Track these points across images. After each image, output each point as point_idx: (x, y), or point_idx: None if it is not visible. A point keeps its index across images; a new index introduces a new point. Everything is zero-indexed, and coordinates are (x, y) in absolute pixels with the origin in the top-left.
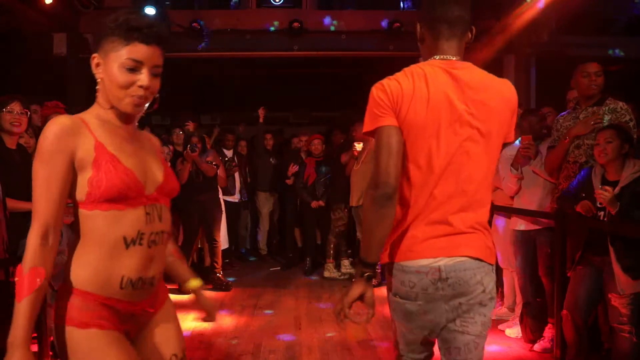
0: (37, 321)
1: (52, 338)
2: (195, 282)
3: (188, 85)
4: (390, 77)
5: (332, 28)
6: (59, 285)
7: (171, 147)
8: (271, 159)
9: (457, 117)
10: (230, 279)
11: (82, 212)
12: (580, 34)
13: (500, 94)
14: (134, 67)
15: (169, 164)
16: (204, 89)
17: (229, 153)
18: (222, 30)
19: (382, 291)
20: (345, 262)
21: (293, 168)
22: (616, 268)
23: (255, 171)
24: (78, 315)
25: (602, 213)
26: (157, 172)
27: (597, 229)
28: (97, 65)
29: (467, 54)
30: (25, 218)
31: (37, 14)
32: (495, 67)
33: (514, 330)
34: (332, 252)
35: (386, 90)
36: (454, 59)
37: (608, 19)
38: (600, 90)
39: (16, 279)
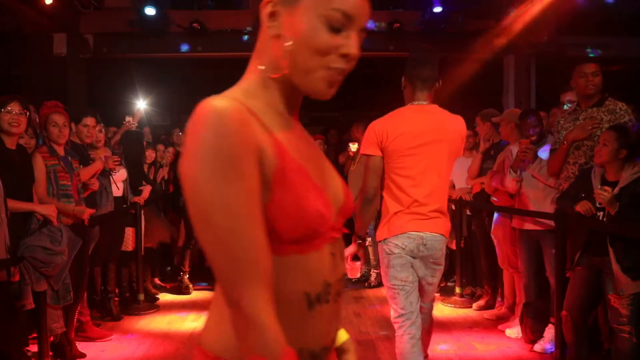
0: (37, 321)
1: (52, 338)
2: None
3: (188, 85)
4: (380, 118)
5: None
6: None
7: (172, 150)
8: None
9: (425, 142)
10: None
11: None
12: (580, 34)
13: (454, 125)
14: (341, 26)
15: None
16: (204, 89)
17: None
18: (222, 30)
19: (381, 291)
20: None
21: None
22: (616, 269)
23: None
24: None
25: (601, 213)
26: (338, 187)
27: (596, 229)
28: (273, 14)
29: (467, 56)
30: (25, 219)
31: (37, 14)
32: (495, 67)
33: (514, 331)
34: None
35: (375, 130)
36: (425, 103)
37: (608, 18)
38: (599, 90)
39: None
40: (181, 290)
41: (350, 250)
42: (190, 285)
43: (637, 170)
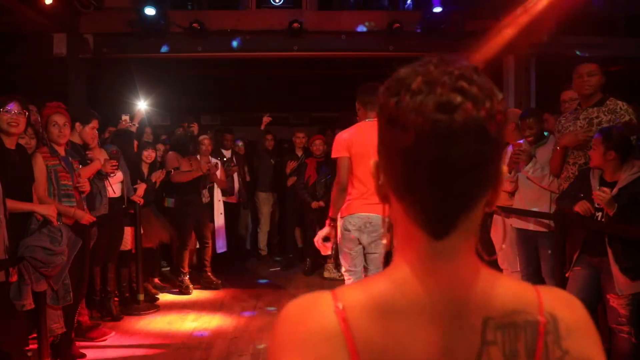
0: (37, 322)
1: (52, 338)
2: None
3: (188, 85)
4: (345, 130)
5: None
6: None
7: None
8: (271, 160)
9: (374, 148)
10: (230, 279)
11: None
12: (580, 34)
13: None
14: None
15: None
16: (204, 89)
17: (227, 153)
18: (222, 31)
19: None
20: None
21: (291, 164)
22: (614, 269)
23: (256, 172)
24: None
25: (599, 214)
26: None
27: (595, 229)
28: None
29: (467, 56)
30: (25, 219)
31: (37, 14)
32: (495, 67)
33: None
34: (331, 252)
35: (342, 139)
36: (374, 120)
37: (608, 18)
38: (597, 90)
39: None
40: (181, 290)
41: (323, 232)
42: (191, 286)
43: (636, 171)
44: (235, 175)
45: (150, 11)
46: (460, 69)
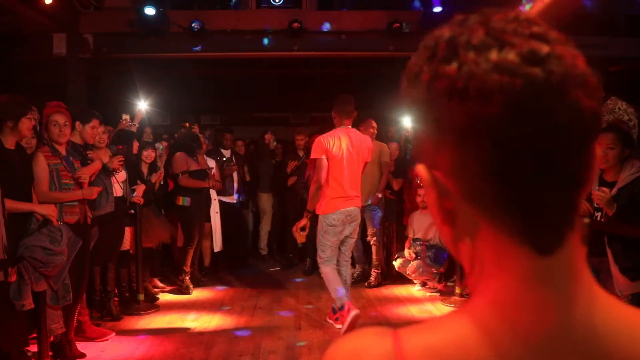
0: (37, 321)
1: (52, 338)
2: None
3: (188, 85)
4: (324, 135)
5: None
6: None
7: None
8: (273, 161)
9: (349, 153)
10: (230, 279)
11: None
12: (580, 34)
13: (363, 141)
14: None
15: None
16: (204, 89)
17: (226, 153)
18: (222, 31)
19: (382, 291)
20: None
21: (292, 164)
22: (614, 269)
23: (257, 172)
24: None
25: (598, 214)
26: None
27: (594, 229)
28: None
29: None
30: (25, 219)
31: (37, 14)
32: None
33: None
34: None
35: (322, 142)
36: (349, 127)
37: (608, 19)
38: None
39: None
40: (182, 290)
41: (301, 223)
42: (191, 286)
43: (635, 171)
44: (235, 175)
45: (150, 11)
46: (520, 13)
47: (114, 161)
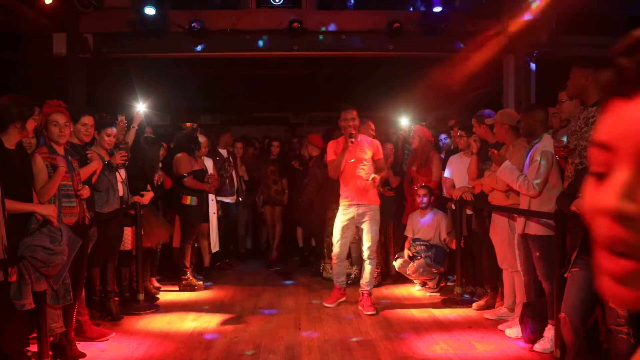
0: (37, 321)
1: (52, 338)
2: None
3: (188, 85)
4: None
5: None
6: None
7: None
8: (274, 161)
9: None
10: (230, 279)
11: None
12: (580, 34)
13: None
14: None
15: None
16: (203, 89)
17: (224, 153)
18: (222, 30)
19: (381, 291)
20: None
21: (294, 164)
22: None
23: (258, 172)
24: None
25: None
26: None
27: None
28: None
29: (467, 56)
30: (25, 219)
31: (37, 14)
32: (495, 67)
33: (513, 330)
34: (327, 252)
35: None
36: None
37: (608, 18)
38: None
39: None
40: (186, 287)
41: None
42: (195, 281)
43: None
44: (234, 175)
45: (150, 11)
46: None
47: (117, 157)
